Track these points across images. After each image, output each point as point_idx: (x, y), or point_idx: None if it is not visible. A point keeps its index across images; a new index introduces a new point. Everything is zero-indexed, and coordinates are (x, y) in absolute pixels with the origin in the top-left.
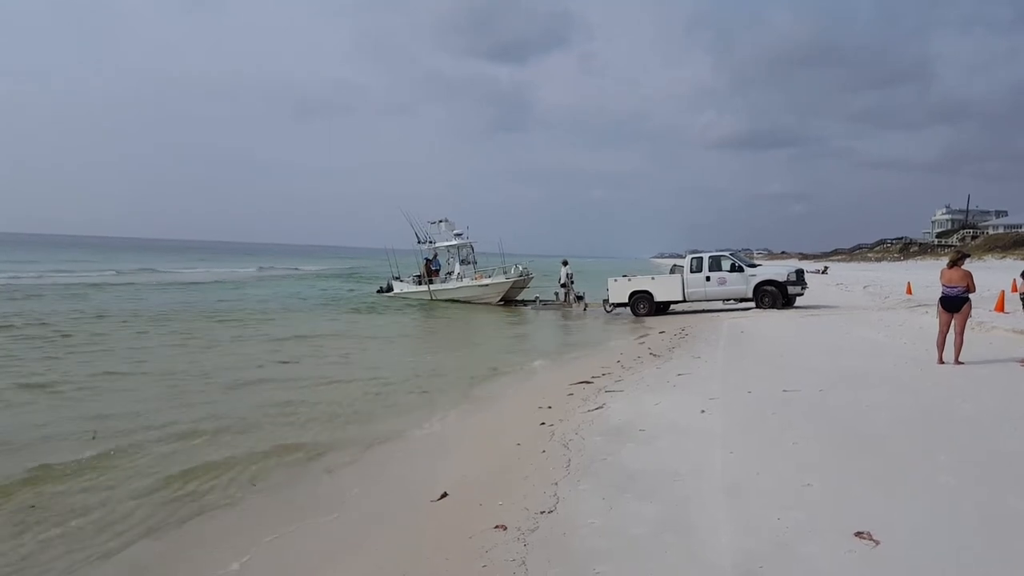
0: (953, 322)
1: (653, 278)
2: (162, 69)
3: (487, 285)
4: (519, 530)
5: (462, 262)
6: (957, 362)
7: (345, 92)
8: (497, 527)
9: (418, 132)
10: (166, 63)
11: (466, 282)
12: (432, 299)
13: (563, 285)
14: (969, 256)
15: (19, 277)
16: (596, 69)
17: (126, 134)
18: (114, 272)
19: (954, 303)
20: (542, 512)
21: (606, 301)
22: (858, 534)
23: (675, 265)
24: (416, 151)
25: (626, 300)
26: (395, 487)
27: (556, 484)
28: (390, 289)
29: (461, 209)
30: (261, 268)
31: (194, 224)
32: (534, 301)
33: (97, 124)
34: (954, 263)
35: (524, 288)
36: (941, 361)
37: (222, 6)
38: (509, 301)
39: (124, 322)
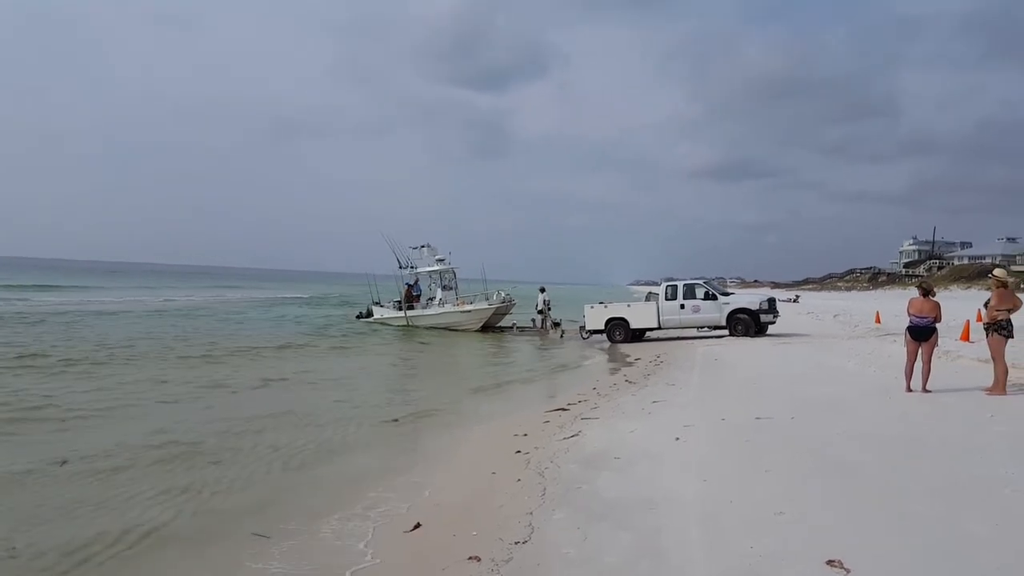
0: (921, 351)
1: (629, 305)
2: (136, 89)
3: (469, 311)
4: (493, 561)
5: (444, 288)
6: (925, 390)
7: (325, 115)
8: (471, 558)
9: (399, 158)
10: (141, 83)
11: (448, 308)
12: (409, 325)
13: (540, 312)
14: (935, 292)
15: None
16: (575, 98)
17: (100, 155)
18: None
19: (923, 332)
20: (517, 542)
21: (582, 328)
22: (830, 562)
23: (650, 293)
24: (397, 176)
25: (602, 327)
26: (369, 517)
27: (531, 513)
28: (370, 315)
29: (441, 235)
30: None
31: (165, 248)
32: (511, 328)
33: (73, 145)
34: (927, 293)
35: (506, 314)
36: (909, 389)
37: (204, 27)
38: (489, 327)
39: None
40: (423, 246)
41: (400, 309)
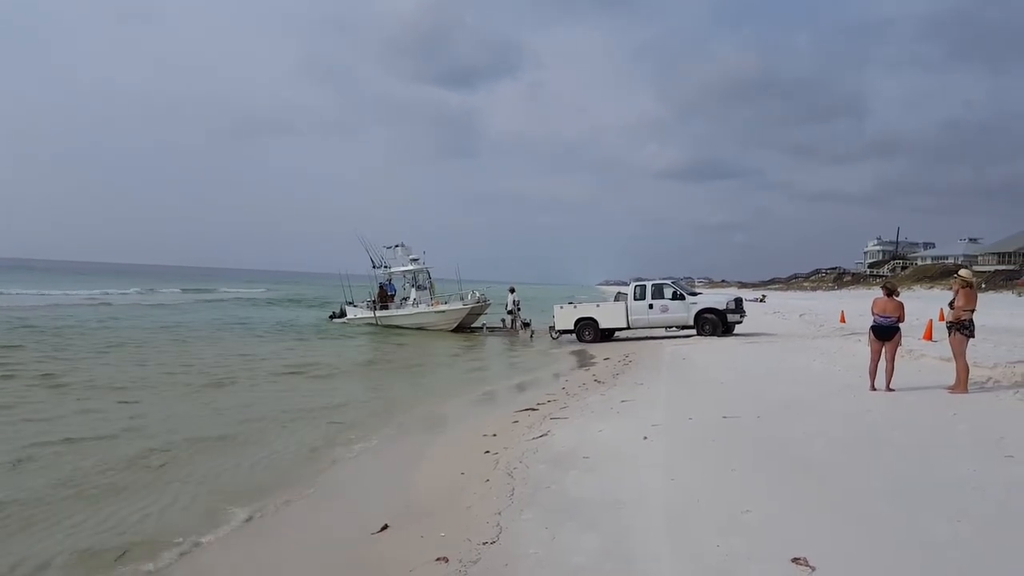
0: (884, 350)
1: (598, 305)
2: (98, 83)
3: (443, 312)
4: (461, 562)
5: (418, 287)
6: (888, 389)
7: (293, 114)
8: (439, 559)
9: (370, 156)
10: (102, 77)
11: (422, 308)
12: (379, 325)
13: (510, 312)
14: (898, 292)
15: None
16: (545, 97)
17: (64, 150)
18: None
19: (886, 332)
20: (485, 543)
21: (552, 327)
22: (795, 560)
23: (619, 292)
24: (369, 175)
25: (572, 327)
26: (335, 519)
27: (499, 514)
28: (343, 315)
29: (413, 234)
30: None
31: (135, 248)
32: (481, 328)
33: (30, 141)
34: (891, 293)
35: (480, 315)
36: (873, 388)
37: (165, 23)
38: (462, 328)
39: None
40: (397, 246)
41: (373, 309)
